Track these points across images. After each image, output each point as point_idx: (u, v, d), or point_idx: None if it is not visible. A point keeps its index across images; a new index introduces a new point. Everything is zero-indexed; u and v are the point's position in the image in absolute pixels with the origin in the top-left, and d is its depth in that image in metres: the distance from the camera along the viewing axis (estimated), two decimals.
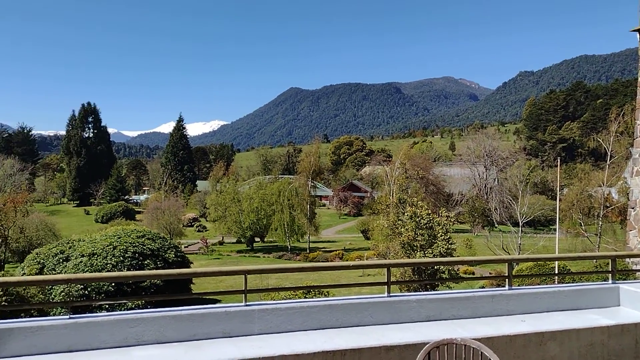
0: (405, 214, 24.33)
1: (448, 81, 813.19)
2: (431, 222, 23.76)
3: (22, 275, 19.91)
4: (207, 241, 51.40)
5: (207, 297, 22.26)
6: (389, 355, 4.98)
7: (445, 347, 3.83)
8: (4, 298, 15.94)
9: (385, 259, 26.39)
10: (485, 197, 70.59)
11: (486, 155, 78.44)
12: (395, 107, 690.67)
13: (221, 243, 56.04)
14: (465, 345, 3.79)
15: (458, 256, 24.51)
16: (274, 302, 5.55)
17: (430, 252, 22.92)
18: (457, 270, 28.29)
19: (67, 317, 4.83)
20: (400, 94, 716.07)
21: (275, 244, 53.35)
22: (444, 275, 22.83)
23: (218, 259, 46.18)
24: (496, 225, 55.45)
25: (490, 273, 29.91)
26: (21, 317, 15.53)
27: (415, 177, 56.25)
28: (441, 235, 23.44)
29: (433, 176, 65.17)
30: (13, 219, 46.13)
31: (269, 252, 49.28)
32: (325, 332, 5.32)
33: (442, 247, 22.90)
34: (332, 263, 6.13)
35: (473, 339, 3.84)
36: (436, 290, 22.04)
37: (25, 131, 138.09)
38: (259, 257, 47.40)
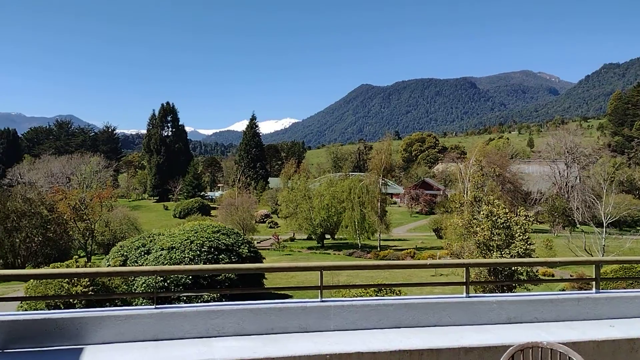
0: (481, 212, 23.56)
1: (526, 75, 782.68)
2: (508, 222, 22.84)
3: (107, 266, 21.05)
4: (279, 237, 52.29)
5: (279, 292, 22.60)
6: (468, 357, 4.83)
7: (530, 350, 3.65)
8: (91, 288, 16.90)
9: (459, 258, 25.69)
10: (566, 195, 67.22)
11: (567, 152, 74.63)
12: (470, 102, 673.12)
13: (292, 239, 56.85)
14: (551, 349, 3.61)
15: (537, 257, 23.49)
16: (350, 299, 5.51)
17: (508, 252, 22.07)
18: (536, 271, 27.11)
19: (154, 307, 5.02)
20: (475, 88, 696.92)
21: (346, 241, 53.42)
22: (522, 277, 21.92)
23: (289, 255, 46.85)
24: (578, 226, 52.76)
25: (571, 275, 28.43)
26: (106, 307, 16.43)
27: (491, 174, 54.39)
28: (519, 235, 22.51)
29: (510, 174, 62.90)
30: (99, 213, 49.09)
31: (339, 249, 49.41)
32: (401, 331, 5.23)
33: (520, 248, 21.98)
34: (409, 261, 6.02)
35: (559, 343, 3.63)
36: (513, 292, 21.21)
37: (110, 130, 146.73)
38: (329, 254, 47.63)
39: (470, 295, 5.70)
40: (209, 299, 18.44)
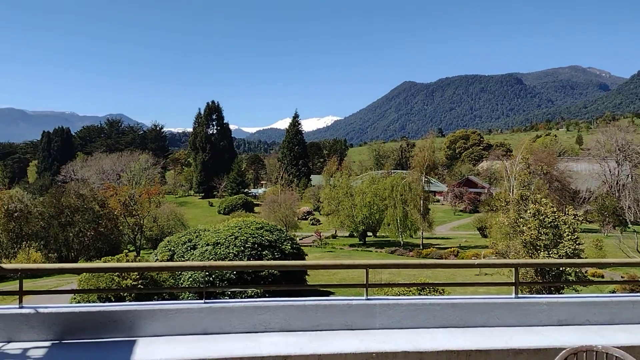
0: (528, 211, 22.99)
1: (575, 70, 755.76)
2: (556, 221, 22.21)
3: (155, 260, 21.66)
4: (321, 234, 52.45)
5: (323, 289, 22.69)
6: (517, 359, 4.75)
7: (584, 354, 3.53)
8: (140, 281, 17.42)
9: (505, 258, 25.15)
10: (616, 194, 64.65)
11: (618, 149, 71.71)
12: (516, 99, 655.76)
13: (334, 236, 56.92)
14: (607, 353, 3.47)
15: (586, 257, 22.75)
16: (396, 297, 5.51)
17: (555, 252, 21.45)
18: (585, 272, 26.25)
19: (203, 302, 5.16)
20: (522, 85, 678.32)
21: (388, 239, 53.08)
22: (570, 277, 21.28)
23: (331, 252, 46.94)
24: (629, 226, 50.71)
25: (622, 277, 27.36)
26: (153, 300, 16.87)
27: (538, 172, 52.96)
28: (567, 235, 21.84)
29: (558, 172, 61.04)
30: (147, 209, 50.50)
31: (381, 247, 49.14)
32: (448, 331, 5.19)
33: (569, 248, 21.33)
34: (456, 261, 5.97)
35: (614, 347, 3.52)
36: (561, 293, 20.62)
37: (158, 129, 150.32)
38: (371, 251, 47.46)
39: (519, 296, 5.60)
40: (252, 294, 18.72)
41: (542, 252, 21.86)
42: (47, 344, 4.76)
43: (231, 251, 20.45)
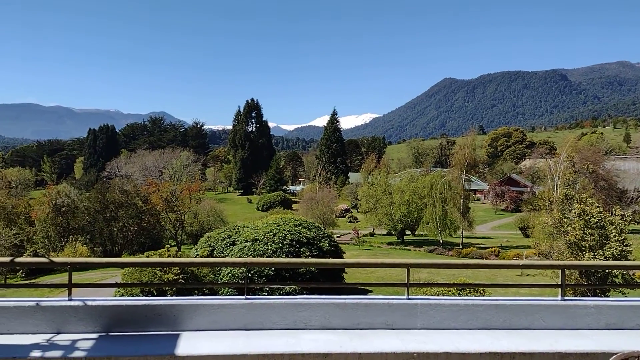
0: (573, 211, 22.32)
1: (623, 66, 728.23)
2: (602, 221, 21.49)
3: (196, 256, 22.04)
4: (359, 232, 52.32)
5: (360, 287, 22.62)
6: None
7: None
8: (181, 276, 17.75)
9: (548, 259, 24.51)
10: None
11: None
12: (561, 95, 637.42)
13: (372, 234, 56.69)
14: None
15: (634, 259, 21.92)
16: (437, 297, 5.44)
17: (601, 253, 20.76)
18: (632, 275, 25.30)
19: (244, 297, 5.22)
20: (567, 81, 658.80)
21: (426, 237, 52.53)
22: (616, 280, 20.56)
23: (369, 250, 46.75)
24: None
25: None
26: (194, 295, 17.18)
27: (583, 171, 51.38)
28: (614, 236, 21.11)
29: (604, 170, 58.99)
30: (188, 205, 51.46)
31: (419, 245, 48.67)
32: (491, 333, 5.09)
33: (615, 249, 20.62)
34: (500, 261, 5.86)
35: None
36: (607, 296, 19.96)
37: (198, 126, 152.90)
38: (409, 250, 47.05)
39: (565, 298, 5.44)
40: (290, 290, 18.82)
41: (587, 254, 21.20)
42: (95, 335, 4.90)
43: (269, 248, 20.60)
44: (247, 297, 5.23)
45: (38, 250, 39.77)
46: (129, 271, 18.12)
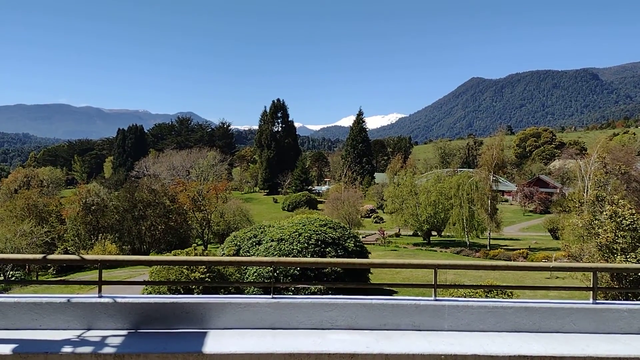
0: (604, 213, 21.79)
1: None
2: (635, 223, 20.92)
3: (223, 255, 22.23)
4: (384, 232, 52.08)
5: (386, 288, 22.50)
6: None
7: None
8: (207, 275, 17.94)
9: (578, 261, 23.99)
10: None
11: None
12: (591, 95, 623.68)
13: (398, 235, 56.37)
14: None
15: None
16: (465, 299, 5.36)
17: (634, 256, 20.23)
18: None
19: (271, 297, 5.22)
20: (597, 80, 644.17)
21: (453, 239, 51.98)
22: None
23: (395, 250, 46.49)
24: None
25: None
26: (220, 293, 17.31)
27: (614, 172, 50.16)
28: None
29: (637, 172, 57.48)
30: (215, 204, 51.97)
31: (446, 246, 48.19)
32: (520, 336, 4.99)
33: None
34: (530, 263, 5.72)
35: None
36: (638, 299, 19.41)
37: (225, 126, 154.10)
38: (435, 251, 46.64)
39: (597, 301, 5.31)
40: (315, 290, 18.82)
41: (619, 256, 20.69)
42: (124, 332, 4.97)
43: (295, 247, 20.65)
44: (274, 296, 5.23)
45: (69, 248, 40.70)
46: (156, 269, 18.39)
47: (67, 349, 4.50)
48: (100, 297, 5.12)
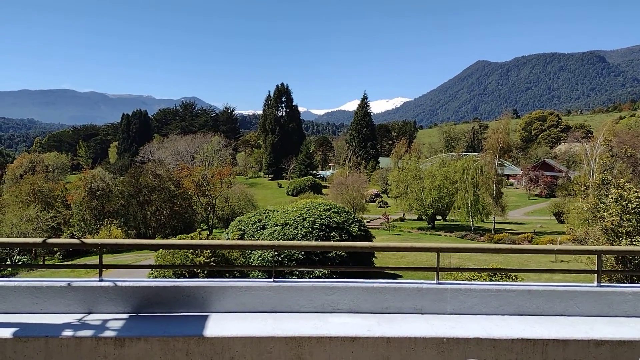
0: (609, 196, 21.68)
1: None
2: None
3: (227, 239, 22.28)
4: (389, 217, 52.11)
5: (389, 271, 22.53)
6: (599, 350, 4.48)
7: None
8: (212, 259, 18.01)
9: (583, 245, 23.93)
10: None
11: None
12: (598, 77, 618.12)
13: (402, 219, 56.41)
14: None
15: None
16: (468, 282, 5.32)
17: (639, 240, 20.15)
18: None
19: (272, 280, 5.21)
20: (604, 63, 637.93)
21: (457, 223, 51.99)
22: None
23: (399, 235, 46.57)
24: None
25: None
26: (225, 277, 17.38)
27: (621, 155, 49.86)
28: None
29: None
30: (219, 189, 52.05)
31: (450, 231, 48.21)
32: (524, 319, 4.97)
33: None
34: (533, 246, 5.69)
35: None
36: None
37: (229, 111, 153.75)
38: (440, 235, 46.68)
39: (602, 284, 5.27)
40: (319, 275, 18.89)
41: (624, 240, 20.63)
42: (125, 316, 4.97)
43: (299, 232, 20.71)
44: (275, 279, 5.21)
45: (75, 233, 40.93)
46: (161, 254, 18.47)
47: (67, 333, 4.50)
48: (100, 280, 5.11)
